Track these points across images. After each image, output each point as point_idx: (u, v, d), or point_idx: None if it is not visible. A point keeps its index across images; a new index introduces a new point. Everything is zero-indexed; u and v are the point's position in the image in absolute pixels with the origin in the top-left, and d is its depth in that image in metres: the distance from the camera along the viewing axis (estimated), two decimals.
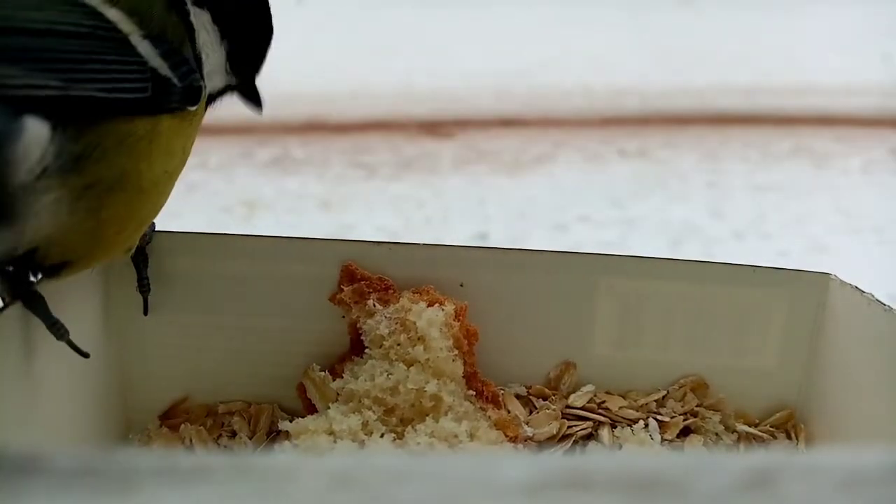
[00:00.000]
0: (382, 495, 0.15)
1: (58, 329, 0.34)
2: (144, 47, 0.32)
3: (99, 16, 0.31)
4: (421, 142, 1.74)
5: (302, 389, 0.41)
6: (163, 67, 0.32)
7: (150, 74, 0.32)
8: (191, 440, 0.41)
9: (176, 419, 0.43)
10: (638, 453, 0.40)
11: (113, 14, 0.31)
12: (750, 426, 0.43)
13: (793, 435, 0.43)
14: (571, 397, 0.43)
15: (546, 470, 0.15)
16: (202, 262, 0.41)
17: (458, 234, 1.26)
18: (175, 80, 0.33)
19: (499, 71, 2.25)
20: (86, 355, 0.35)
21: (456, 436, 0.38)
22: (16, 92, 0.27)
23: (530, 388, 0.44)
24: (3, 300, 0.34)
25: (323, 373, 0.41)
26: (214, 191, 1.39)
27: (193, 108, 0.34)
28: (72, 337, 0.34)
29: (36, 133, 0.28)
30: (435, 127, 1.82)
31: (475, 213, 1.36)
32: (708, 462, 0.16)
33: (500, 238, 1.24)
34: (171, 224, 0.44)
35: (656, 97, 2.05)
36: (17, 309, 0.33)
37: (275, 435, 0.41)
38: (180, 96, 0.33)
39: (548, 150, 1.69)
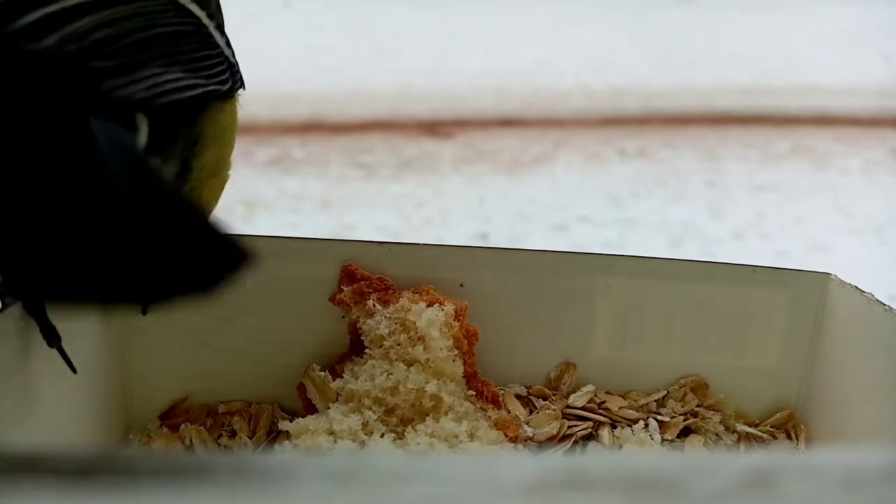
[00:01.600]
0: (382, 495, 0.15)
1: (50, 334, 0.34)
2: (218, 38, 0.33)
3: (190, 13, 0.31)
4: (421, 142, 1.74)
5: (302, 389, 0.41)
6: (231, 55, 0.34)
7: (227, 65, 0.33)
8: (191, 440, 0.41)
9: (176, 419, 0.43)
10: (638, 453, 0.40)
11: (195, 9, 0.32)
12: (750, 426, 0.43)
13: (793, 435, 0.43)
14: (571, 397, 0.43)
15: (546, 470, 0.15)
16: None
17: (458, 234, 1.26)
18: (237, 66, 0.35)
19: (499, 71, 2.25)
20: (73, 370, 0.35)
21: (456, 436, 0.38)
22: (179, 95, 0.28)
23: (530, 388, 0.44)
24: (4, 301, 0.34)
25: (323, 373, 0.41)
26: None
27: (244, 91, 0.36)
28: (71, 335, 0.34)
29: (142, 130, 0.28)
30: (435, 127, 1.82)
31: (475, 213, 1.36)
32: (708, 462, 0.16)
33: (500, 238, 1.24)
34: None
35: (656, 97, 2.05)
36: (16, 308, 0.33)
37: (275, 435, 0.41)
38: (240, 81, 0.35)
39: (548, 150, 1.69)
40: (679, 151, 1.68)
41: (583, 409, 0.43)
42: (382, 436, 0.38)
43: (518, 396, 0.43)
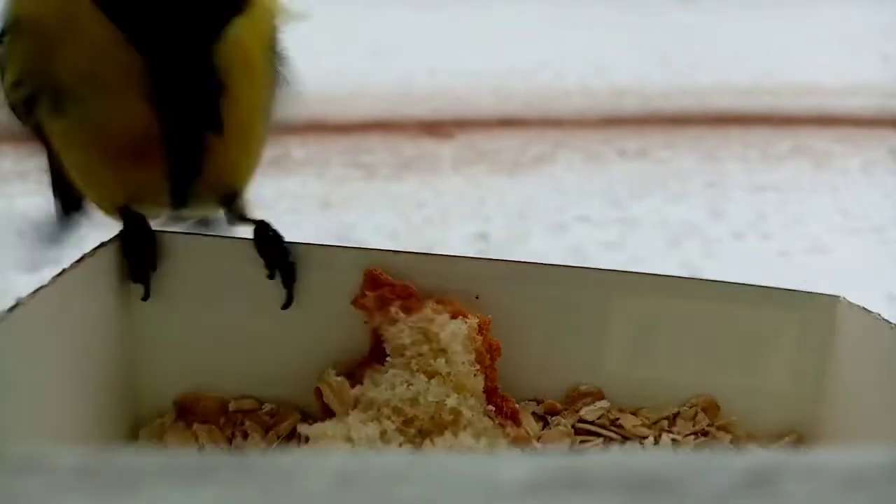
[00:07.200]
0: (382, 495, 0.15)
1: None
2: None
3: None
4: (421, 142, 1.74)
5: (319, 393, 0.40)
6: None
7: None
8: (203, 440, 0.40)
9: (189, 419, 0.42)
10: (638, 453, 0.40)
11: None
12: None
13: None
14: (584, 410, 0.43)
15: (546, 470, 0.15)
16: (219, 266, 0.41)
17: (458, 234, 1.26)
18: None
19: (499, 71, 2.25)
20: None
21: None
22: None
23: (543, 403, 0.43)
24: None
25: (339, 378, 0.40)
26: None
27: None
28: (79, 333, 0.34)
29: None
30: (435, 127, 1.82)
31: (475, 213, 1.36)
32: (708, 462, 0.16)
33: (499, 238, 1.24)
34: (179, 225, 0.44)
35: (656, 97, 2.05)
36: (22, 307, 0.33)
37: (291, 438, 0.41)
38: None
39: (548, 150, 1.69)
40: (679, 151, 1.68)
41: (594, 423, 0.42)
42: (400, 446, 0.37)
43: (532, 412, 0.43)
